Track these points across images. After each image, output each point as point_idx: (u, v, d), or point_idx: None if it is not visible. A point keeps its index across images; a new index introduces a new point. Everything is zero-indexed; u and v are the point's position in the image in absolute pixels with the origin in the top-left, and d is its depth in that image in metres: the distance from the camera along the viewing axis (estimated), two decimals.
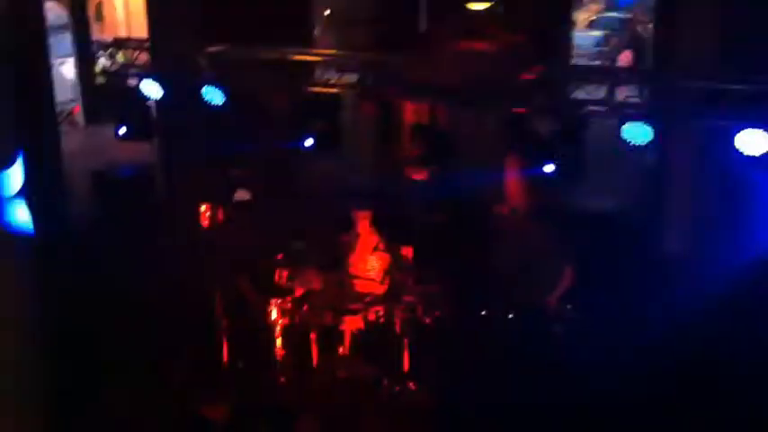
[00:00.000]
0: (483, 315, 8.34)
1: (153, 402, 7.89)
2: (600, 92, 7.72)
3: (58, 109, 10.81)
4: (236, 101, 8.40)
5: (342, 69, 8.63)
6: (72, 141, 10.60)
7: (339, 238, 8.64)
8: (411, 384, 7.91)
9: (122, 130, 9.06)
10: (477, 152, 11.26)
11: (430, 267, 8.57)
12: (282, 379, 8.18)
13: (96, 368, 7.76)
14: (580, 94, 7.70)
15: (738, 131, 6.85)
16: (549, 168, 8.04)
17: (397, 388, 7.88)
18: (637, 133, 7.30)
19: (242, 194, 9.02)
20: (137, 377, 7.81)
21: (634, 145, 7.39)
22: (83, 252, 9.56)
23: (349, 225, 8.62)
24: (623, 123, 7.35)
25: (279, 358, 8.31)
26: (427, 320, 7.96)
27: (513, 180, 10.15)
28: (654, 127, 7.13)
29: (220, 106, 8.50)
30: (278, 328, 8.26)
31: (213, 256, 8.28)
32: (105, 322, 8.71)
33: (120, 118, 9.32)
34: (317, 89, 8.43)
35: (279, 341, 8.28)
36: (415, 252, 8.43)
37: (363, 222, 8.45)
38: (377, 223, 8.42)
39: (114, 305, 8.93)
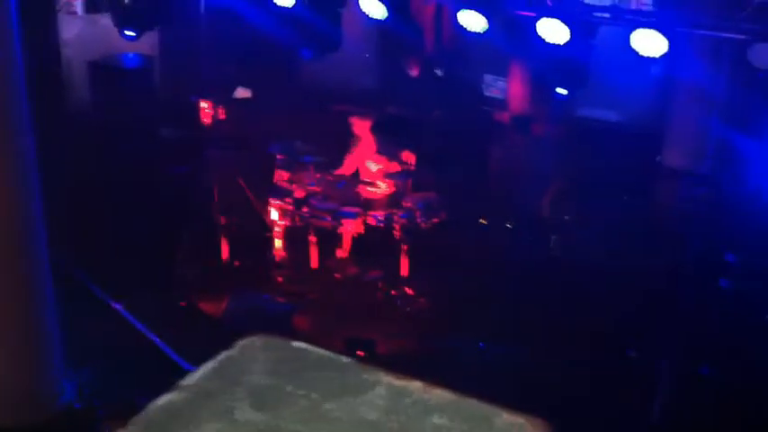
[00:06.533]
0: (481, 223, 8.36)
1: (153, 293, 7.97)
2: None
3: None
4: None
5: None
6: (69, 30, 10.32)
7: (341, 141, 8.57)
8: (407, 289, 7.98)
9: (121, 21, 8.81)
10: (481, 55, 11.04)
11: (430, 173, 8.52)
12: (280, 278, 8.25)
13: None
14: None
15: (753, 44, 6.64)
16: (553, 76, 7.85)
17: (394, 292, 7.96)
18: (648, 43, 7.01)
19: (242, 92, 8.88)
20: (135, 267, 7.83)
21: (644, 56, 7.11)
22: (81, 141, 9.46)
23: (351, 129, 8.53)
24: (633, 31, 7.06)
25: (277, 259, 8.37)
26: (424, 226, 7.98)
27: (515, 86, 9.99)
28: (668, 37, 6.87)
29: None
30: (277, 229, 8.28)
31: (213, 154, 8.22)
32: (104, 214, 8.70)
33: (120, 8, 9.06)
34: None
35: (278, 242, 8.32)
36: (416, 158, 8.37)
37: (365, 126, 8.37)
38: (379, 127, 8.33)
39: (112, 197, 8.91)
